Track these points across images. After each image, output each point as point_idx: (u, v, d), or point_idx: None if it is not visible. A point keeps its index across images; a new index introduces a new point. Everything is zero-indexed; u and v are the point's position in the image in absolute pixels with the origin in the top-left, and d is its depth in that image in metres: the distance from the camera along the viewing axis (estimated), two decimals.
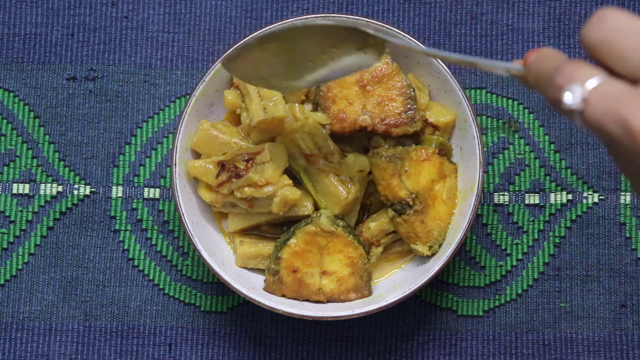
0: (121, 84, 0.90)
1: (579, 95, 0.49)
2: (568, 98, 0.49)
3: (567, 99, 0.49)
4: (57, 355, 0.87)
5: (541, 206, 0.88)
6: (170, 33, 0.91)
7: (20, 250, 0.88)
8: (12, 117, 0.90)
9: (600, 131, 0.48)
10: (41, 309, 0.88)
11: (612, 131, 0.47)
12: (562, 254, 0.88)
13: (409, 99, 0.82)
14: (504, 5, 0.91)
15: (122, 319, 0.87)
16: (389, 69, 0.83)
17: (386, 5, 0.91)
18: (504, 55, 0.90)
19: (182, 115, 0.82)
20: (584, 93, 0.48)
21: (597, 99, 0.48)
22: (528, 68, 0.54)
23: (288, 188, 0.80)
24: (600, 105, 0.48)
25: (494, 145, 0.89)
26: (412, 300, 0.88)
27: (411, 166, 0.80)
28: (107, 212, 0.89)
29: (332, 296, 0.82)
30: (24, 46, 0.91)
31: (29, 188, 0.89)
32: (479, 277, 0.88)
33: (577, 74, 0.49)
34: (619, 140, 0.47)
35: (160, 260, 0.88)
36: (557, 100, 0.50)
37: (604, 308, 0.87)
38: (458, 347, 0.87)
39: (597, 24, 0.49)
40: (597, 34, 0.49)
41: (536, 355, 0.87)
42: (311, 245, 0.81)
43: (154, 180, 0.89)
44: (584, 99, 0.48)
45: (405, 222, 0.80)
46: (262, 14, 0.91)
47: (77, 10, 0.91)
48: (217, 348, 0.87)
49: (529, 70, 0.54)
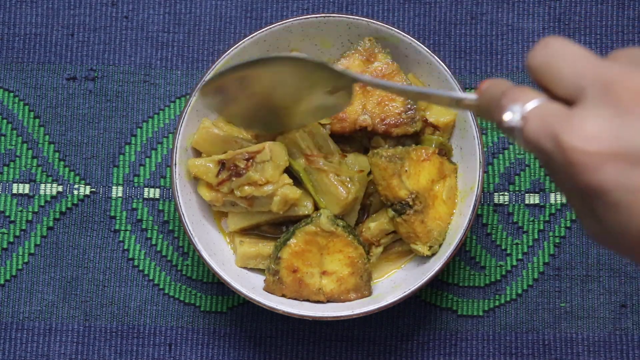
0: (121, 84, 0.90)
1: (518, 114, 0.52)
2: (508, 116, 0.52)
3: (507, 117, 0.52)
4: (57, 355, 0.87)
5: (541, 206, 0.88)
6: (170, 33, 0.91)
7: (20, 250, 0.88)
8: (12, 117, 0.90)
9: (537, 148, 0.51)
10: (41, 309, 0.88)
11: (546, 147, 0.50)
12: (562, 254, 0.88)
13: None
14: (504, 5, 0.91)
15: (122, 319, 0.87)
16: (389, 69, 0.83)
17: (386, 5, 0.91)
18: (504, 55, 0.90)
19: (182, 115, 0.82)
20: (524, 112, 0.52)
21: (535, 118, 0.51)
22: (480, 97, 0.57)
23: (288, 187, 0.80)
24: (536, 124, 0.51)
25: (494, 145, 0.89)
26: (412, 300, 0.88)
27: (411, 166, 0.80)
28: (107, 212, 0.89)
29: (332, 296, 0.82)
30: (24, 46, 0.91)
31: (29, 188, 0.89)
32: (479, 277, 0.88)
33: (520, 96, 0.53)
34: (552, 156, 0.50)
35: (160, 260, 0.88)
36: (501, 120, 0.53)
37: (604, 308, 0.87)
38: (458, 347, 0.87)
39: (541, 49, 0.53)
40: (540, 58, 0.53)
41: (536, 355, 0.87)
42: (311, 245, 0.81)
43: (154, 180, 0.89)
44: (523, 117, 0.52)
45: (405, 222, 0.80)
46: (262, 14, 0.91)
47: (77, 10, 0.91)
48: (217, 348, 0.87)
49: (481, 100, 0.57)
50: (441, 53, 0.90)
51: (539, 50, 0.53)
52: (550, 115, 0.51)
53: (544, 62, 0.52)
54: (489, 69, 0.90)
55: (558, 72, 0.52)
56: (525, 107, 0.52)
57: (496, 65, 0.90)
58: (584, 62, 0.51)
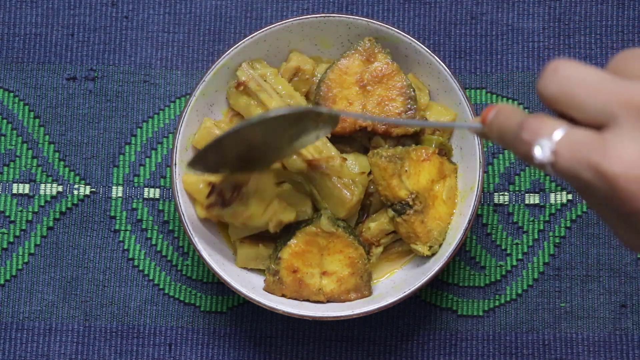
0: (121, 84, 0.90)
1: (548, 148, 0.51)
2: (538, 153, 0.51)
3: (537, 154, 0.51)
4: (57, 355, 0.87)
5: (541, 206, 0.88)
6: (170, 33, 0.91)
7: (20, 250, 0.88)
8: (12, 117, 0.90)
9: (573, 178, 0.50)
10: (41, 309, 0.88)
11: (585, 178, 0.49)
12: (562, 254, 0.88)
13: (409, 99, 0.82)
14: (504, 5, 0.91)
15: (122, 319, 0.87)
16: (389, 69, 0.83)
17: (386, 5, 0.91)
18: (504, 55, 0.90)
19: (182, 115, 0.82)
20: (552, 146, 0.50)
21: (566, 150, 0.50)
22: (488, 126, 0.56)
23: (282, 213, 0.80)
24: (569, 155, 0.50)
25: (494, 145, 0.89)
26: (412, 300, 0.88)
27: (411, 166, 0.80)
28: (107, 212, 0.89)
29: (332, 296, 0.82)
30: (24, 46, 0.91)
31: (29, 188, 0.89)
32: (479, 277, 0.88)
33: (542, 128, 0.51)
34: (593, 185, 0.49)
35: (160, 260, 0.88)
36: (528, 155, 0.52)
37: (604, 308, 0.87)
38: (458, 347, 0.87)
39: (552, 77, 0.52)
40: (554, 86, 0.51)
41: (536, 355, 0.87)
42: (311, 245, 0.81)
43: (154, 180, 0.89)
44: (553, 151, 0.50)
45: (405, 222, 0.80)
46: (262, 14, 0.91)
47: (77, 10, 0.91)
48: (217, 348, 0.87)
49: (490, 129, 0.56)
50: (441, 53, 0.90)
51: (550, 78, 0.52)
52: (582, 145, 0.49)
53: (559, 91, 0.51)
54: (489, 69, 0.90)
55: (578, 100, 0.51)
56: (552, 139, 0.50)
57: (496, 65, 0.90)
58: (605, 86, 0.50)
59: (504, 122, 0.55)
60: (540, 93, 0.52)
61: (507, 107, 0.56)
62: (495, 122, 0.55)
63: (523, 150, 0.52)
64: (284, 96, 0.82)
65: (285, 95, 0.82)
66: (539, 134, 0.51)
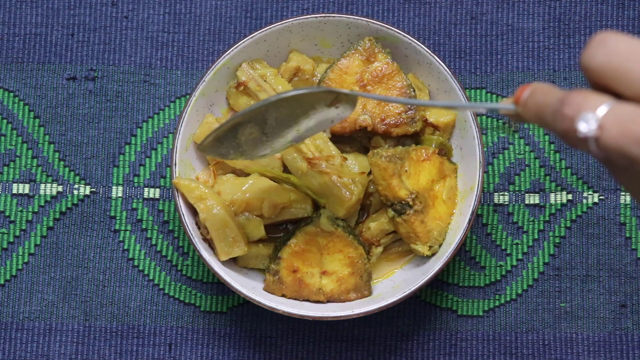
0: (121, 84, 0.90)
1: (593, 122, 0.49)
2: (583, 127, 0.49)
3: (582, 128, 0.49)
4: (57, 355, 0.87)
5: (541, 206, 0.88)
6: (170, 33, 0.91)
7: (20, 250, 0.88)
8: (12, 117, 0.90)
9: (620, 155, 0.48)
10: (41, 309, 0.88)
11: (633, 153, 0.48)
12: (562, 254, 0.88)
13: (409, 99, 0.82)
14: (504, 5, 0.91)
15: (122, 319, 0.87)
16: (389, 69, 0.83)
17: (386, 5, 0.91)
18: (504, 55, 0.90)
19: (182, 115, 0.82)
20: (598, 120, 0.49)
21: (613, 124, 0.48)
22: (524, 105, 0.54)
23: (276, 192, 0.80)
24: (616, 130, 0.48)
25: (494, 145, 0.89)
26: (412, 300, 0.88)
27: (411, 166, 0.80)
28: (107, 212, 0.89)
29: (332, 296, 0.82)
30: (24, 46, 0.91)
31: (29, 188, 0.89)
32: (479, 277, 0.88)
33: (586, 103, 0.49)
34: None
35: (160, 260, 0.88)
36: (570, 130, 0.50)
37: (604, 308, 0.87)
38: (458, 347, 0.87)
39: (599, 48, 0.50)
40: (601, 58, 0.50)
41: (536, 355, 0.87)
42: (311, 245, 0.81)
43: (154, 180, 0.89)
44: (599, 125, 0.48)
45: (405, 222, 0.80)
46: (262, 14, 0.91)
47: (77, 10, 0.91)
48: (217, 348, 0.87)
49: (527, 108, 0.54)
50: (441, 53, 0.90)
51: (596, 49, 0.50)
52: (630, 119, 0.48)
53: (605, 62, 0.49)
54: (489, 69, 0.90)
55: (627, 73, 0.49)
56: (597, 114, 0.49)
57: (496, 65, 0.90)
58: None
59: (542, 99, 0.52)
60: (586, 66, 0.50)
61: (542, 85, 0.54)
62: (531, 101, 0.53)
63: (565, 126, 0.50)
64: None
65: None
66: (583, 108, 0.49)
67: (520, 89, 0.55)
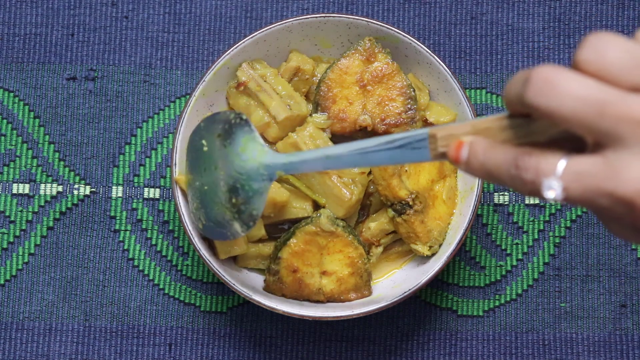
0: (121, 84, 0.90)
1: (558, 187, 0.49)
2: (550, 194, 0.49)
3: (549, 195, 0.49)
4: (57, 355, 0.87)
5: (541, 206, 0.88)
6: (170, 33, 0.91)
7: (20, 250, 0.88)
8: (12, 117, 0.90)
9: (589, 206, 0.49)
10: (41, 309, 0.88)
11: (602, 204, 0.48)
12: (562, 254, 0.88)
13: (409, 99, 0.82)
14: (504, 5, 0.91)
15: (122, 319, 0.87)
16: (389, 69, 0.83)
17: (386, 5, 0.91)
18: (504, 55, 0.90)
19: (182, 115, 0.82)
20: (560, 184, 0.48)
21: (576, 183, 0.48)
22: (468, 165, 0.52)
23: (275, 190, 0.80)
24: (581, 188, 0.48)
25: None
26: (412, 300, 0.88)
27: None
28: (107, 212, 0.89)
29: (332, 296, 0.82)
30: (24, 46, 0.91)
31: (29, 188, 0.89)
32: (479, 277, 0.88)
33: (543, 166, 0.49)
34: (610, 209, 0.48)
35: (160, 260, 0.88)
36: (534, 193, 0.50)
37: (604, 308, 0.87)
38: (458, 347, 0.87)
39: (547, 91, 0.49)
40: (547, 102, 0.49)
41: (536, 355, 0.87)
42: (311, 245, 0.81)
43: (154, 180, 0.89)
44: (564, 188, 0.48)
45: (405, 222, 0.80)
46: (262, 14, 0.91)
47: (77, 10, 0.91)
48: (217, 348, 0.87)
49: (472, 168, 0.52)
50: (441, 53, 0.90)
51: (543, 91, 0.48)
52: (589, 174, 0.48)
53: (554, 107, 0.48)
54: (489, 69, 0.90)
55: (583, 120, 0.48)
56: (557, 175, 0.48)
57: (496, 65, 0.90)
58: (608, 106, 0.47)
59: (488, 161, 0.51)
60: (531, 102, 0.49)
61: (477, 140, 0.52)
62: (475, 161, 0.52)
63: (527, 189, 0.50)
64: (284, 96, 0.82)
65: (285, 95, 0.82)
66: (542, 174, 0.49)
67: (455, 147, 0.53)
